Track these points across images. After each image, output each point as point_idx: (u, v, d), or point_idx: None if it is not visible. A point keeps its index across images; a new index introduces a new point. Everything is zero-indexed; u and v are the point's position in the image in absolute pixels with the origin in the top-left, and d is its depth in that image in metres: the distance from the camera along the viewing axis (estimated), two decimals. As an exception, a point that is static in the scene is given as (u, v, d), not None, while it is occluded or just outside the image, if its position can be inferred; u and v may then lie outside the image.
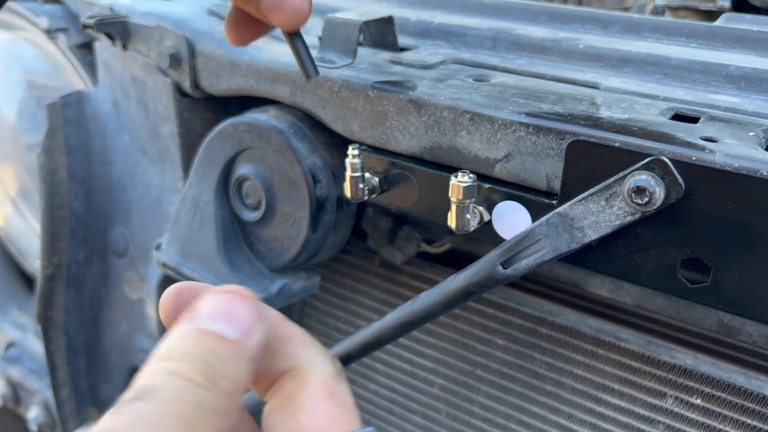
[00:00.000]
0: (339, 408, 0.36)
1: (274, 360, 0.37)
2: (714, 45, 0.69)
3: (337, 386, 0.37)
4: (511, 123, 0.57)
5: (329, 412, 0.35)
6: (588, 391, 0.73)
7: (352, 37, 0.70)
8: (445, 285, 0.61)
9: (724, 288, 0.50)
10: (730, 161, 0.48)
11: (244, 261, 0.78)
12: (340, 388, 0.37)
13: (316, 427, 0.34)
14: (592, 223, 0.53)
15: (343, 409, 0.36)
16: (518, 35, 0.75)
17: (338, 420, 0.35)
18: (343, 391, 0.37)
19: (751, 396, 0.63)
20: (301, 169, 0.71)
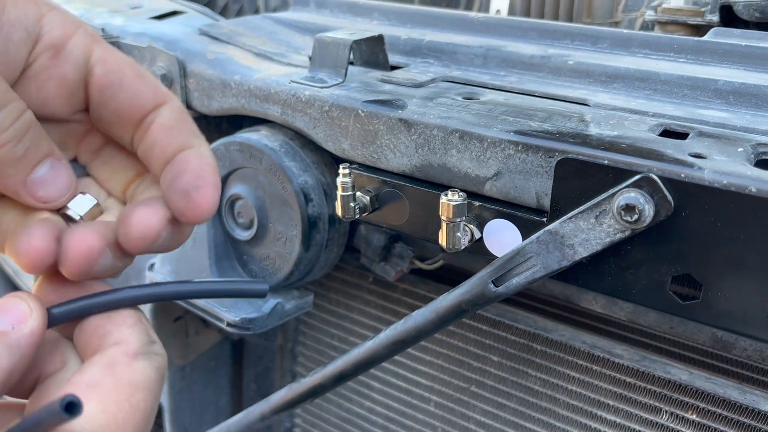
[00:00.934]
0: (109, 377, 0.37)
1: (89, 337, 0.40)
2: (703, 60, 0.69)
3: (124, 360, 0.38)
4: (500, 141, 0.57)
5: (93, 376, 0.37)
6: (583, 407, 0.73)
7: (343, 56, 0.71)
8: (438, 303, 0.61)
9: (715, 304, 0.50)
10: (718, 178, 0.48)
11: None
12: (126, 362, 0.38)
13: (74, 386, 0.36)
14: (583, 241, 0.53)
15: (112, 380, 0.37)
16: (508, 52, 0.75)
17: (97, 385, 0.36)
18: (131, 367, 0.38)
19: (746, 411, 0.63)
20: (292, 188, 0.71)
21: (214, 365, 1.06)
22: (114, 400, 0.36)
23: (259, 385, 1.07)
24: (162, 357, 0.40)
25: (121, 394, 0.37)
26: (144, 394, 0.37)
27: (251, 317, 0.75)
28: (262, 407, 0.74)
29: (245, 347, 1.07)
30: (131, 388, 0.37)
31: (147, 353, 0.39)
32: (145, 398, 0.37)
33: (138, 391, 0.37)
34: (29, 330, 0.37)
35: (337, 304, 0.92)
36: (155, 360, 0.39)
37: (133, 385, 0.37)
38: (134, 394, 0.37)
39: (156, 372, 0.39)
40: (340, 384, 0.69)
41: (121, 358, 0.38)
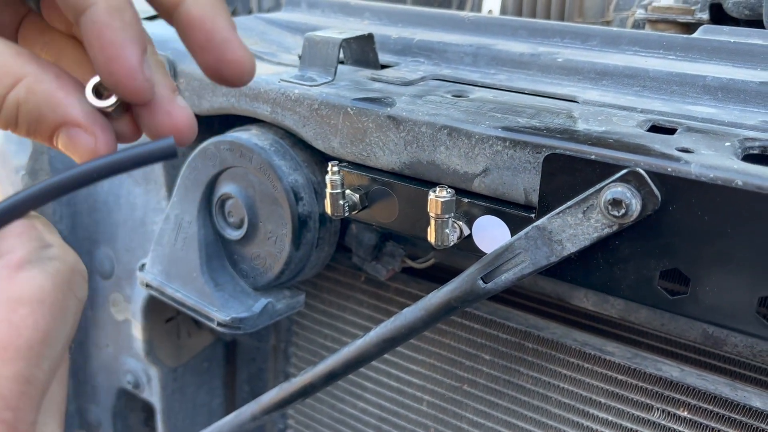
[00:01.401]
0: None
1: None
2: (691, 57, 0.69)
3: (4, 274, 0.32)
4: (488, 137, 0.57)
5: None
6: (575, 405, 0.73)
7: (332, 54, 0.71)
8: (427, 300, 0.60)
9: (703, 299, 0.50)
10: (705, 172, 0.48)
11: (228, 280, 0.78)
12: (6, 276, 0.32)
13: None
14: (571, 236, 0.53)
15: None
16: (498, 50, 0.75)
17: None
18: (12, 281, 0.32)
19: (738, 407, 0.63)
20: (282, 187, 0.71)
21: (207, 367, 1.05)
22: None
23: (252, 386, 1.06)
24: (60, 260, 0.34)
25: (1, 311, 0.31)
26: (31, 308, 0.32)
27: (242, 317, 0.74)
28: (253, 408, 0.74)
29: (238, 348, 1.07)
30: (13, 303, 0.32)
31: (37, 260, 0.33)
32: (33, 311, 0.32)
33: (21, 306, 0.32)
34: None
35: (330, 304, 0.92)
36: (49, 265, 0.33)
37: (15, 299, 0.32)
38: (16, 310, 0.31)
39: (50, 278, 0.33)
40: (330, 383, 0.69)
41: (2, 272, 0.32)
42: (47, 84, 0.36)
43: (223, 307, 0.76)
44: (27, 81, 0.35)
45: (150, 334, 0.92)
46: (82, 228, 1.00)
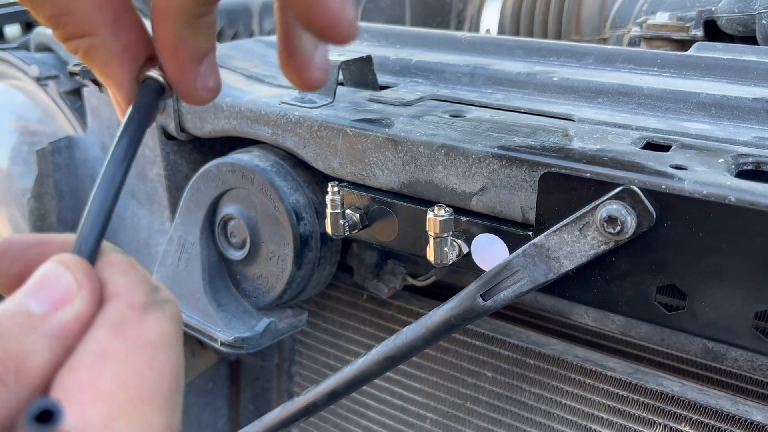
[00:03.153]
0: (120, 340, 0.29)
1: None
2: (686, 74, 0.70)
3: (133, 316, 0.30)
4: (485, 157, 0.58)
5: (100, 342, 0.29)
6: (577, 421, 0.73)
7: (331, 77, 0.72)
8: (427, 319, 0.61)
9: (700, 314, 0.51)
10: (698, 188, 0.48)
11: (231, 300, 0.79)
12: (136, 318, 0.30)
13: (84, 360, 0.29)
14: (568, 254, 0.53)
15: (125, 343, 0.29)
16: (494, 70, 0.76)
17: (107, 353, 0.29)
18: (143, 324, 0.31)
19: (739, 421, 0.63)
20: (284, 207, 0.72)
21: (211, 387, 1.06)
22: (133, 368, 0.29)
23: (257, 405, 1.07)
24: (173, 303, 0.33)
25: (141, 358, 0.30)
26: (167, 353, 0.31)
27: (245, 336, 0.75)
28: (256, 427, 0.74)
29: (242, 368, 1.07)
30: (151, 349, 0.30)
31: (155, 303, 0.32)
32: (168, 357, 0.30)
33: (159, 351, 0.30)
34: (74, 314, 0.30)
35: (333, 322, 0.92)
36: (167, 309, 0.32)
37: (151, 345, 0.30)
38: (156, 356, 0.30)
39: (171, 322, 0.32)
40: (333, 402, 0.69)
41: (129, 315, 0.30)
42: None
43: (226, 326, 0.76)
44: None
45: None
46: (87, 250, 1.00)
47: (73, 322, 0.29)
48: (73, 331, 0.29)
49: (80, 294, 0.30)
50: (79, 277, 0.30)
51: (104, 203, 0.34)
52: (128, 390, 0.28)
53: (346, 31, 0.35)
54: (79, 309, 0.30)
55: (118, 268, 0.32)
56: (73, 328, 0.29)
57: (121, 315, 0.30)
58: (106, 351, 0.29)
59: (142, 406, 0.29)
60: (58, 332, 0.29)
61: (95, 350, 0.29)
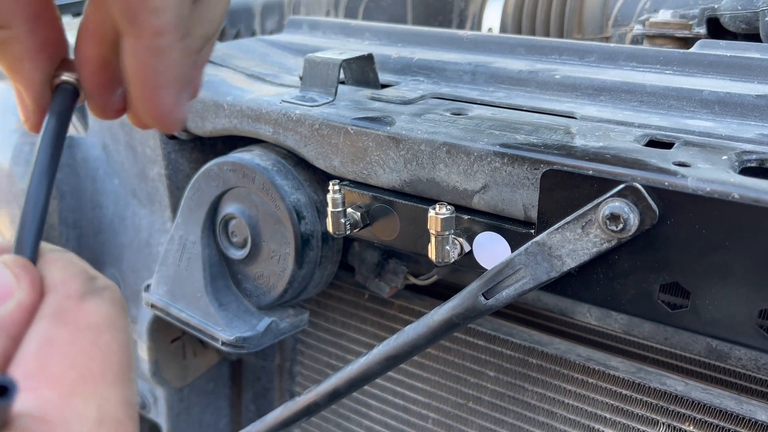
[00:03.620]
0: (63, 327, 0.31)
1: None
2: (689, 71, 0.70)
3: (72, 304, 0.32)
4: (487, 154, 0.57)
5: (43, 331, 0.30)
6: (580, 421, 0.72)
7: (332, 75, 0.71)
8: (429, 318, 0.61)
9: (703, 312, 0.50)
10: (701, 185, 0.48)
11: (232, 299, 0.78)
12: (75, 306, 0.32)
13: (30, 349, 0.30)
14: (570, 252, 0.53)
15: (69, 329, 0.31)
16: (496, 68, 0.76)
17: (53, 340, 0.30)
18: (83, 310, 0.32)
19: (743, 421, 0.63)
20: (285, 206, 0.71)
21: (213, 387, 1.05)
22: (79, 350, 0.30)
23: (258, 405, 1.06)
24: (111, 289, 0.34)
25: (85, 340, 0.31)
26: (111, 333, 0.32)
27: (246, 336, 0.75)
28: (258, 427, 0.74)
29: (243, 368, 1.07)
30: (94, 331, 0.31)
31: (93, 290, 0.33)
32: (113, 336, 0.32)
33: (103, 332, 0.31)
34: (16, 304, 0.31)
35: (334, 322, 0.92)
36: (105, 294, 0.33)
37: (94, 327, 0.31)
38: (100, 336, 0.31)
39: (112, 306, 0.33)
40: (334, 402, 0.69)
41: (67, 303, 0.32)
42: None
43: (228, 326, 0.76)
44: None
45: (156, 354, 0.92)
46: (88, 250, 1.00)
47: (15, 312, 0.31)
48: (17, 320, 0.31)
49: (20, 286, 0.31)
50: (17, 272, 0.32)
51: (37, 206, 0.35)
52: (79, 369, 0.30)
53: (171, 125, 0.39)
54: (20, 299, 0.31)
55: (54, 264, 0.34)
56: (16, 317, 0.31)
57: (60, 304, 0.32)
58: (50, 338, 0.30)
59: (95, 383, 0.30)
60: (2, 324, 0.30)
61: (40, 339, 0.30)
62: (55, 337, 0.30)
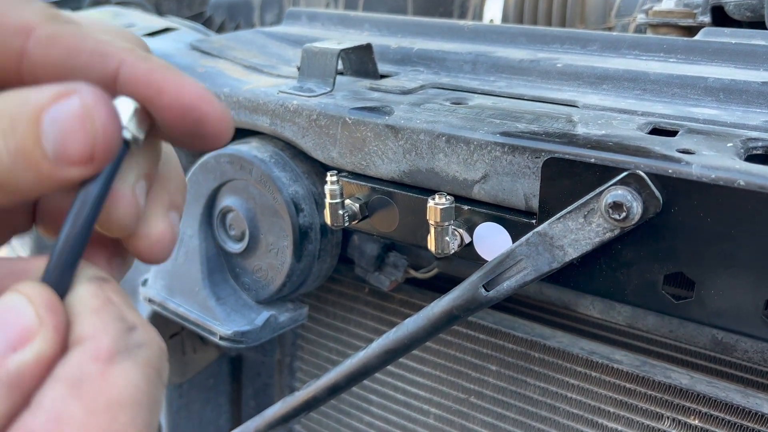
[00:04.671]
0: (77, 403, 0.26)
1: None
2: (693, 59, 0.69)
3: (95, 369, 0.27)
4: (487, 143, 0.56)
5: (54, 406, 0.26)
6: (583, 415, 0.71)
7: (330, 65, 0.70)
8: (429, 310, 0.60)
9: (708, 302, 0.49)
10: (706, 172, 0.47)
11: (230, 293, 0.77)
12: (98, 372, 0.27)
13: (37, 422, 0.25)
14: (572, 242, 0.52)
15: (83, 405, 0.26)
16: (497, 58, 0.75)
17: (62, 420, 0.26)
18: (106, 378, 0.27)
19: (750, 414, 0.62)
20: (282, 199, 0.70)
21: (213, 383, 1.05)
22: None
23: (258, 401, 1.05)
24: (149, 346, 0.28)
25: (99, 424, 0.26)
26: (133, 411, 0.27)
27: (244, 330, 0.74)
28: (257, 422, 0.73)
29: (243, 364, 1.06)
30: (113, 410, 0.26)
31: (125, 348, 0.27)
32: (134, 418, 0.27)
33: (123, 411, 0.26)
34: (34, 356, 0.26)
35: (334, 316, 0.91)
36: (140, 354, 0.28)
37: (114, 405, 0.26)
38: (118, 417, 0.26)
39: (143, 373, 0.27)
40: (334, 396, 0.68)
41: (90, 368, 0.26)
42: None
43: (226, 320, 0.75)
44: None
45: (154, 350, 0.91)
46: (87, 245, 1.00)
47: (32, 365, 0.26)
48: (31, 375, 0.26)
49: (41, 332, 0.26)
50: (42, 313, 0.27)
51: (85, 224, 0.29)
52: None
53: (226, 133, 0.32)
54: (40, 350, 0.26)
55: (87, 305, 0.28)
56: (32, 372, 0.26)
57: (83, 368, 0.27)
58: (60, 415, 0.26)
59: None
60: (14, 380, 0.25)
61: (49, 412, 0.26)
62: (66, 415, 0.26)
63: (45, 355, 0.26)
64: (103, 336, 0.27)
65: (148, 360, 0.28)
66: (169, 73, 0.30)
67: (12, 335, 0.26)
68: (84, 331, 0.27)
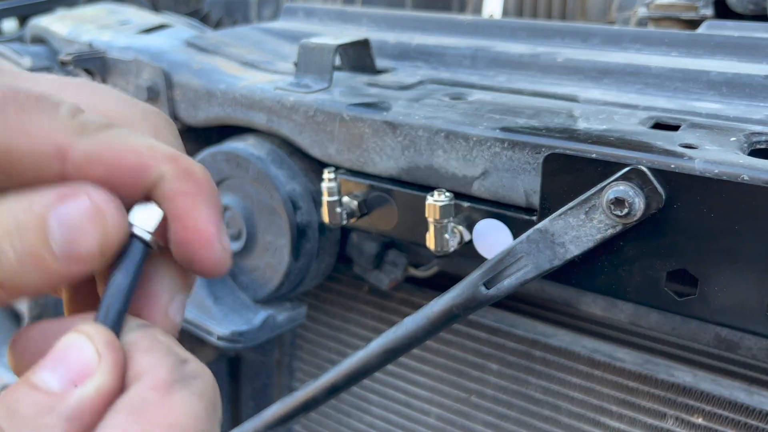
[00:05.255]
0: (140, 427, 0.27)
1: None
2: (695, 53, 0.68)
3: (155, 397, 0.28)
4: (486, 139, 0.55)
5: (122, 429, 0.26)
6: (586, 414, 0.70)
7: (327, 61, 0.69)
8: (429, 309, 0.59)
9: (712, 299, 0.48)
10: (709, 167, 0.46)
11: (228, 293, 0.76)
12: (158, 400, 0.28)
13: None
14: (574, 238, 0.51)
15: (148, 428, 0.27)
16: (497, 52, 0.74)
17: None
18: (166, 405, 0.28)
19: (754, 413, 0.61)
20: (280, 196, 0.69)
21: (212, 382, 1.04)
22: None
23: (258, 402, 1.05)
24: (202, 379, 0.30)
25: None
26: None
27: (242, 330, 0.73)
28: (255, 423, 0.72)
29: (242, 364, 1.05)
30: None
31: (182, 379, 0.29)
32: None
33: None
34: (95, 389, 0.27)
35: (334, 316, 0.90)
36: (195, 386, 0.29)
37: (177, 427, 0.27)
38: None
39: (200, 401, 0.29)
40: (333, 396, 0.67)
41: (151, 396, 0.27)
42: None
43: (223, 320, 0.74)
44: None
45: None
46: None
47: (93, 398, 0.27)
48: (92, 409, 0.27)
49: (101, 367, 0.27)
50: (101, 348, 0.28)
51: (130, 268, 0.31)
52: None
53: (219, 260, 0.32)
54: (100, 384, 0.27)
55: (141, 342, 0.29)
56: (92, 406, 0.27)
57: (143, 397, 0.27)
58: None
59: None
60: (76, 413, 0.26)
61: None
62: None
63: (105, 390, 0.27)
64: (159, 368, 0.28)
65: (204, 391, 0.29)
66: (196, 202, 0.31)
67: (73, 371, 0.27)
68: (140, 367, 0.28)
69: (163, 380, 0.28)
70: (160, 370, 0.28)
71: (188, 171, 0.31)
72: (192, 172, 0.31)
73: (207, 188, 0.32)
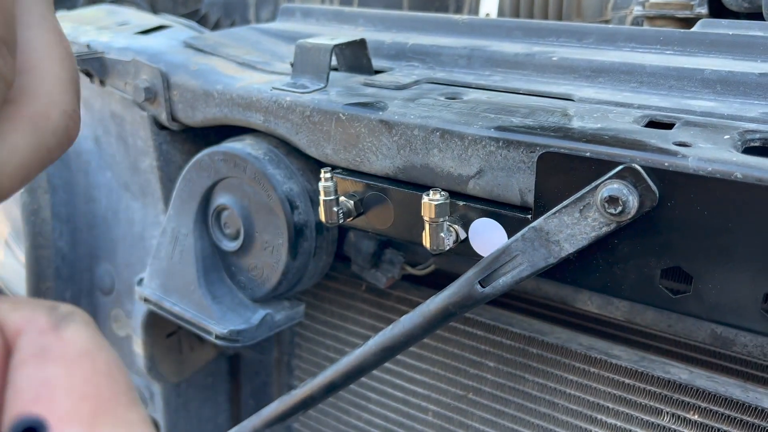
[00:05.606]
0: (52, 364, 0.27)
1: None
2: (690, 51, 0.68)
3: (48, 338, 0.28)
4: (481, 138, 0.56)
5: (34, 375, 0.27)
6: (582, 411, 0.71)
7: (324, 61, 0.70)
8: (425, 307, 0.59)
9: (706, 297, 0.49)
10: (703, 165, 0.46)
11: (226, 292, 0.77)
12: (53, 338, 0.28)
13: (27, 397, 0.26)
14: (568, 236, 0.51)
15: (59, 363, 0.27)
16: (492, 52, 0.74)
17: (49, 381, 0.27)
18: (63, 339, 0.28)
19: (749, 409, 0.61)
20: (277, 196, 0.70)
21: (211, 382, 1.04)
22: (82, 380, 0.27)
23: (257, 400, 1.05)
24: (77, 312, 0.30)
25: (83, 369, 0.28)
26: (102, 354, 0.29)
27: (240, 329, 0.73)
28: (254, 421, 0.73)
29: (241, 362, 1.06)
30: (88, 357, 0.28)
31: (61, 318, 0.29)
32: (106, 357, 0.29)
33: (95, 356, 0.28)
34: None
35: (332, 314, 0.91)
36: (76, 318, 0.30)
37: (85, 353, 0.28)
38: (96, 360, 0.28)
39: (88, 329, 0.29)
40: (331, 394, 0.67)
41: (45, 339, 0.28)
42: None
43: (221, 319, 0.74)
44: None
45: (151, 349, 0.91)
46: (82, 244, 0.99)
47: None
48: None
49: None
50: None
51: None
52: (91, 401, 0.27)
53: None
54: None
55: (6, 305, 0.29)
56: None
57: (37, 342, 0.28)
58: (45, 378, 0.27)
59: (113, 409, 0.27)
60: None
61: (33, 383, 0.27)
62: (50, 376, 0.27)
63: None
64: (36, 317, 0.29)
65: (84, 320, 0.29)
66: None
67: None
68: (16, 321, 0.29)
69: (46, 323, 0.28)
70: (38, 317, 0.29)
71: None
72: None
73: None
